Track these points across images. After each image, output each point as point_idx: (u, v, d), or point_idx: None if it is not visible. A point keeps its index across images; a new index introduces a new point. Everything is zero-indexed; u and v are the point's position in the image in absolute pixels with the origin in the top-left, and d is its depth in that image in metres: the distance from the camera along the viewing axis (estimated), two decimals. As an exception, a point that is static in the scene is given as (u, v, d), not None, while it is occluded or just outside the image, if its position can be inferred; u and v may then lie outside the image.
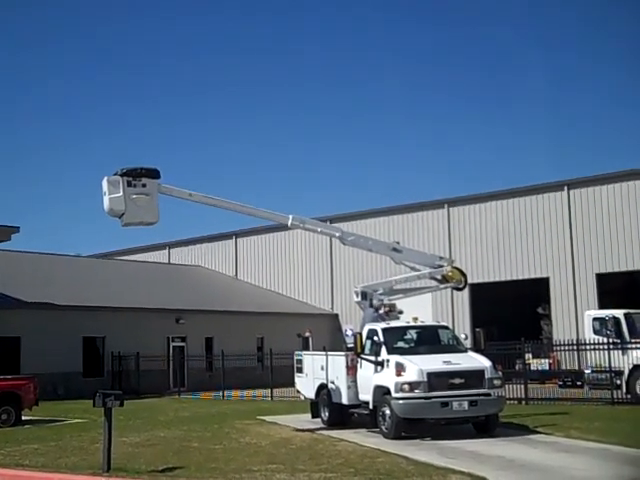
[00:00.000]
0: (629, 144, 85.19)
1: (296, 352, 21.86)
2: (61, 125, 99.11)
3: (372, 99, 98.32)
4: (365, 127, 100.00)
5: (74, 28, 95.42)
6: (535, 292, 40.56)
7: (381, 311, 19.50)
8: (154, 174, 17.78)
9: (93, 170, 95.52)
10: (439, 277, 21.32)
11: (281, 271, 50.38)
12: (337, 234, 20.73)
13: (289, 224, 19.82)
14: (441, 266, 21.18)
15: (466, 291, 41.22)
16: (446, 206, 43.03)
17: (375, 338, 17.44)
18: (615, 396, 23.17)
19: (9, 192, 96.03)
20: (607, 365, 23.73)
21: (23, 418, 21.37)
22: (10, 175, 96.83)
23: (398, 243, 21.68)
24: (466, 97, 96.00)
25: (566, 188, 39.02)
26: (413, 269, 21.46)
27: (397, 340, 17.63)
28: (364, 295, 20.01)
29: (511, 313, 40.04)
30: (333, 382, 18.59)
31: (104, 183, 17.33)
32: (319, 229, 20.83)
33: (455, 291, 24.11)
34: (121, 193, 17.24)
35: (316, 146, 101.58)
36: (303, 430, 17.79)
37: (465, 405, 15.83)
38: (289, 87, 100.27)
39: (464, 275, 21.54)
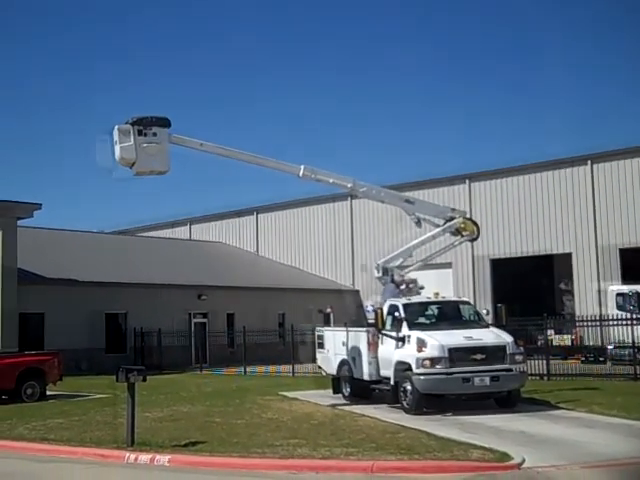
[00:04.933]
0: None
1: (317, 328, 21.90)
2: (81, 108, 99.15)
3: (389, 77, 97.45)
4: (383, 106, 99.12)
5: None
6: (557, 267, 40.30)
7: (402, 287, 19.42)
8: (164, 122, 17.83)
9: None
10: (453, 230, 20.94)
11: (302, 247, 50.37)
12: (349, 185, 20.39)
13: (300, 174, 19.45)
14: (453, 218, 20.79)
15: (487, 266, 41.36)
16: (467, 181, 42.71)
17: (396, 314, 17.41)
18: (638, 372, 23.01)
19: (31, 167, 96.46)
20: (630, 341, 23.56)
21: (48, 393, 21.65)
22: (31, 150, 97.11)
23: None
24: (487, 73, 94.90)
25: (589, 162, 38.60)
26: (425, 220, 21.04)
27: (418, 316, 17.63)
28: (385, 271, 19.94)
29: (533, 288, 39.84)
30: (354, 358, 18.62)
31: (115, 132, 17.40)
32: (331, 180, 20.31)
33: (470, 243, 23.72)
34: (132, 142, 17.32)
35: (333, 125, 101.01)
36: (325, 405, 17.85)
37: (487, 380, 15.81)
38: (300, 70, 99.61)
39: (476, 225, 21.17)
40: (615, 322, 24.81)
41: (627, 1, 74.30)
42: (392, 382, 16.88)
